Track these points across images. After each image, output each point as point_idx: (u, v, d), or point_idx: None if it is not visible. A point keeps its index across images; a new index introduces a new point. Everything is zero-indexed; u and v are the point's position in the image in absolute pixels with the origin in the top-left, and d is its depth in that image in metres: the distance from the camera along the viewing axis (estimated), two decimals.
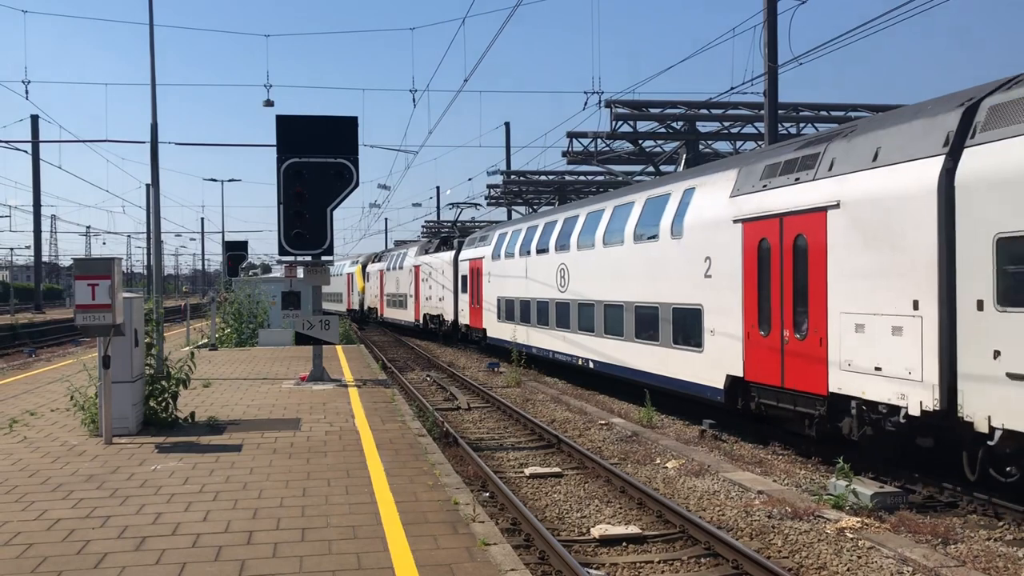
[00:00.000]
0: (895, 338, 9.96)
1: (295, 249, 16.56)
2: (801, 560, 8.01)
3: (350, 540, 6.65)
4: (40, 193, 57.80)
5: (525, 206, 42.21)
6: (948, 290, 9.29)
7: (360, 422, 12.14)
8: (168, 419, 11.91)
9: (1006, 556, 7.98)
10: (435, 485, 8.45)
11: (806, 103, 25.41)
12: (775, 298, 12.40)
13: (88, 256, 54.96)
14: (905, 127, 10.28)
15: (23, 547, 6.50)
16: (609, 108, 24.10)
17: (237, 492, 8.16)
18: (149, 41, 17.25)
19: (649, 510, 9.67)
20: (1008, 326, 8.47)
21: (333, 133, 16.44)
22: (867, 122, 11.58)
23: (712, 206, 14.32)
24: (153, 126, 17.23)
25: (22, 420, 12.38)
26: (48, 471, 9.10)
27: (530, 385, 21.32)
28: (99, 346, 10.74)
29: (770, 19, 18.46)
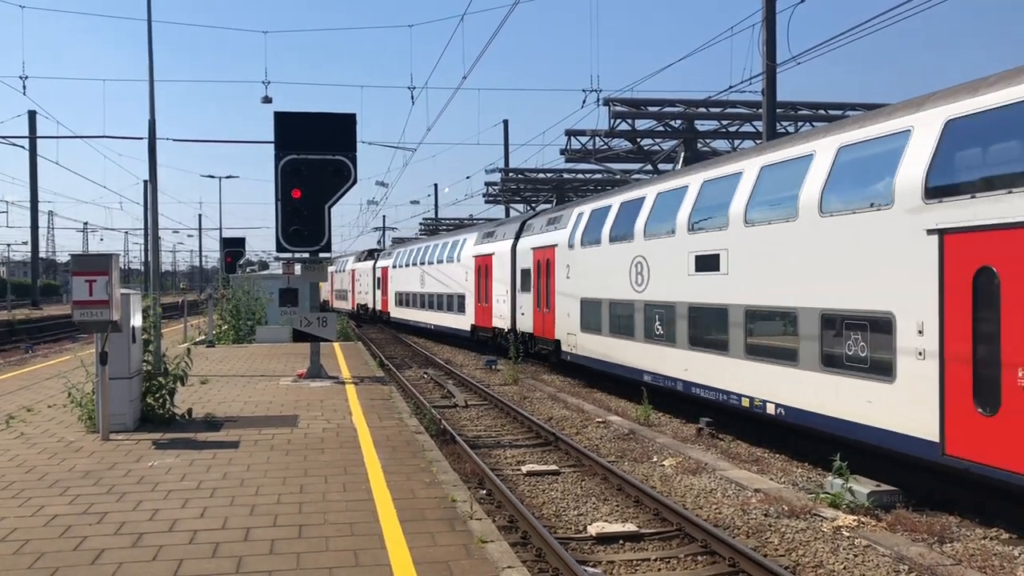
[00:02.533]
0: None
1: (293, 246, 16.55)
2: (798, 558, 8.03)
3: (347, 537, 6.66)
4: (37, 189, 57.79)
5: (523, 204, 42.23)
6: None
7: (357, 419, 12.14)
8: (165, 415, 11.90)
9: (1002, 555, 8.00)
10: (432, 482, 8.45)
11: (805, 102, 25.44)
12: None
13: (85, 252, 54.81)
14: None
15: (20, 543, 6.50)
16: (608, 106, 24.13)
17: (234, 489, 8.16)
18: (147, 37, 17.23)
19: (646, 508, 9.68)
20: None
21: (331, 130, 16.43)
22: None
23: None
24: (151, 122, 17.22)
25: (19, 416, 12.37)
26: (45, 467, 9.09)
27: (527, 383, 21.33)
28: (96, 342, 10.73)
29: (769, 18, 18.47)
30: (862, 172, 10.67)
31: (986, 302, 8.58)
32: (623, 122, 24.58)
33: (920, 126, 9.73)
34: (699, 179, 14.90)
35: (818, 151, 11.59)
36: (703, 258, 14.35)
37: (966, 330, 8.82)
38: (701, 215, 14.57)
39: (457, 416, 16.63)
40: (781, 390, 12.07)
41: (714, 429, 14.11)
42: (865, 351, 10.41)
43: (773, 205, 12.48)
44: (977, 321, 8.68)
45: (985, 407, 8.56)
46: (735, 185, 13.51)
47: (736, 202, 13.31)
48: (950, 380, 9.01)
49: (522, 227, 26.69)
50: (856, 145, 10.86)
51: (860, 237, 10.41)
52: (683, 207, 15.14)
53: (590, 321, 19.62)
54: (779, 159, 12.57)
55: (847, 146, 11.02)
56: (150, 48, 17.19)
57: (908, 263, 9.59)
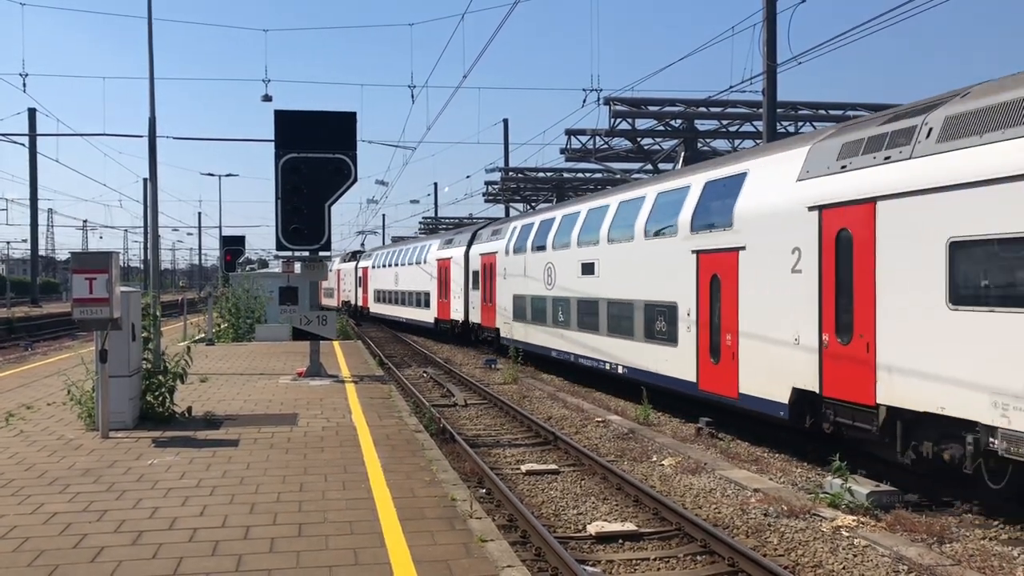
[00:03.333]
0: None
1: (293, 244, 16.55)
2: (797, 558, 8.03)
3: (347, 536, 6.66)
4: (37, 187, 57.76)
5: (523, 203, 42.22)
6: None
7: (357, 418, 12.15)
8: (165, 414, 11.90)
9: (1001, 555, 8.00)
10: (432, 481, 8.45)
11: (805, 102, 25.45)
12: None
13: (85, 250, 54.69)
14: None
15: (19, 541, 6.50)
16: (608, 105, 24.13)
17: (234, 487, 8.16)
18: (148, 35, 17.23)
19: (645, 507, 9.68)
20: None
21: (331, 129, 16.44)
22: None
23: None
24: (151, 120, 17.22)
25: (18, 414, 12.37)
26: (44, 465, 9.09)
27: (527, 382, 21.34)
28: (96, 340, 10.73)
29: (769, 18, 18.47)
30: (664, 212, 16.01)
31: (716, 296, 13.96)
32: (623, 122, 24.59)
33: (692, 185, 15.16)
34: (586, 207, 20.34)
35: (647, 195, 17.01)
36: (585, 265, 19.64)
37: (707, 313, 14.22)
38: (585, 234, 19.83)
39: (456, 415, 16.63)
40: (625, 356, 17.47)
41: (713, 429, 14.12)
42: (664, 327, 15.79)
43: (623, 230, 17.73)
44: (712, 307, 14.10)
45: (714, 358, 14.00)
46: (603, 214, 18.91)
47: (603, 226, 18.74)
48: (701, 343, 14.43)
49: (473, 236, 31.46)
50: (665, 193, 16.23)
51: (662, 253, 15.81)
52: (575, 227, 20.50)
53: (519, 313, 24.73)
54: (628, 198, 17.98)
55: (662, 192, 16.37)
56: (150, 46, 17.19)
57: (683, 271, 14.93)
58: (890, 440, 10.31)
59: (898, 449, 10.20)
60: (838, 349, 11.02)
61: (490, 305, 28.07)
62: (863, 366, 10.53)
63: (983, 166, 8.89)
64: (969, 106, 9.49)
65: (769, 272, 12.53)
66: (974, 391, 8.93)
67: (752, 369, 12.92)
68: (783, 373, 12.10)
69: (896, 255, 10.06)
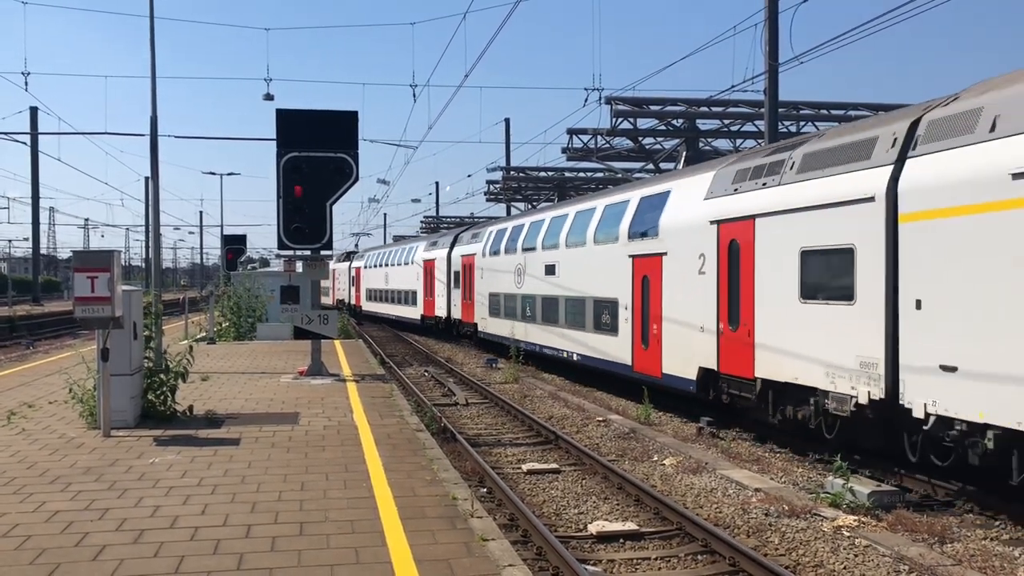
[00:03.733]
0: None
1: (294, 243, 16.53)
2: (798, 558, 8.03)
3: (348, 535, 6.66)
4: (39, 185, 57.82)
5: (524, 202, 42.22)
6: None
7: (358, 417, 12.15)
8: (166, 412, 11.91)
9: (1002, 555, 8.00)
10: (433, 480, 8.46)
11: (806, 101, 25.44)
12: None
13: (87, 249, 54.44)
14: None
15: (21, 539, 6.51)
16: (609, 105, 24.12)
17: (235, 486, 8.17)
18: (149, 34, 17.22)
19: (646, 507, 9.68)
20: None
21: (333, 128, 16.42)
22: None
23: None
24: (153, 119, 17.21)
25: (20, 412, 12.38)
26: (46, 463, 9.10)
27: (528, 381, 21.34)
28: (98, 339, 10.73)
29: (771, 18, 18.46)
30: (609, 222, 18.69)
31: (646, 293, 16.70)
32: (625, 121, 24.57)
33: (631, 200, 17.96)
34: (550, 215, 23.20)
35: (597, 207, 19.79)
36: (548, 266, 22.28)
37: (640, 307, 16.95)
38: (549, 239, 22.45)
39: (458, 414, 16.64)
40: (578, 346, 20.15)
41: (715, 428, 14.12)
42: (608, 320, 18.43)
43: (578, 236, 20.36)
44: (643, 302, 16.80)
45: (644, 344, 16.73)
46: (563, 222, 21.67)
47: (563, 233, 21.43)
48: (635, 332, 17.18)
49: (455, 239, 34.00)
50: (611, 205, 19.03)
51: (607, 257, 18.44)
52: (541, 233, 23.15)
53: (494, 309, 27.38)
54: (583, 208, 20.77)
55: (609, 205, 19.15)
56: (152, 44, 17.18)
57: (622, 272, 17.67)
58: (764, 406, 12.95)
59: (769, 412, 12.84)
60: (730, 335, 13.72)
61: (469, 302, 30.63)
62: (746, 348, 13.20)
63: (818, 194, 11.58)
64: (817, 146, 12.15)
65: (683, 273, 15.26)
66: (815, 365, 11.51)
67: (672, 352, 15.70)
68: (693, 355, 14.86)
69: (768, 260, 12.69)
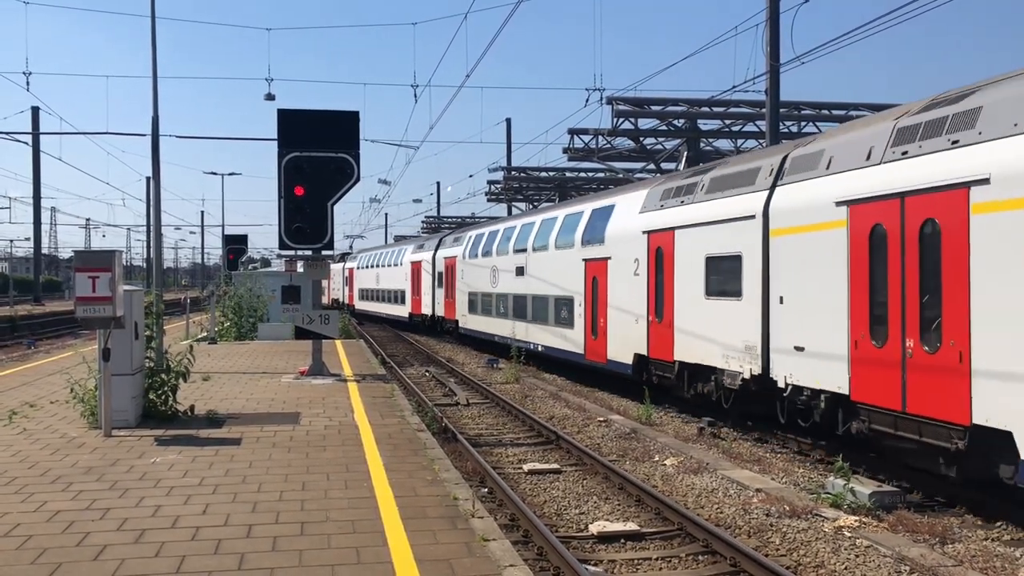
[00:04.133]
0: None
1: (295, 243, 16.53)
2: (799, 558, 8.03)
3: (349, 534, 6.66)
4: (40, 185, 57.87)
5: (526, 202, 42.22)
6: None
7: (359, 417, 12.15)
8: (168, 412, 11.91)
9: (1003, 556, 8.00)
10: (434, 480, 8.46)
11: (808, 101, 25.41)
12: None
13: (88, 248, 54.46)
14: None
15: (23, 539, 6.51)
16: (611, 105, 24.10)
17: (236, 485, 8.17)
18: (151, 33, 17.23)
19: (647, 507, 9.68)
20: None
21: (334, 128, 16.41)
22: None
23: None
24: (154, 119, 17.21)
25: (21, 412, 12.39)
26: (47, 463, 9.10)
27: (529, 381, 21.34)
28: (99, 338, 10.73)
29: (772, 18, 18.45)
30: (568, 230, 21.44)
31: (595, 292, 19.37)
32: (626, 121, 24.55)
33: (585, 211, 20.67)
34: (520, 223, 26.02)
35: (559, 216, 22.51)
36: (518, 268, 24.94)
37: (590, 303, 19.61)
38: (518, 244, 25.19)
39: (459, 414, 16.64)
40: (543, 338, 22.92)
41: (716, 429, 14.12)
42: (566, 315, 21.20)
43: (542, 241, 23.18)
44: (593, 299, 19.50)
45: (594, 335, 19.41)
46: (531, 229, 24.52)
47: (530, 238, 24.23)
48: (587, 325, 19.89)
49: (440, 242, 37.12)
50: (569, 215, 21.70)
51: (566, 260, 21.24)
52: (512, 238, 25.89)
53: (472, 306, 30.31)
54: (547, 217, 23.72)
55: (568, 215, 21.86)
56: (153, 44, 17.19)
57: (577, 273, 20.47)
58: (681, 384, 15.76)
59: (684, 389, 15.65)
60: (657, 326, 16.57)
61: (451, 300, 33.53)
62: (668, 336, 16.07)
63: (719, 211, 14.27)
64: (721, 172, 14.91)
65: (623, 275, 17.98)
66: (716, 348, 14.26)
67: (615, 342, 18.49)
68: (630, 343, 17.65)
69: (683, 264, 15.48)
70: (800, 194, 12.14)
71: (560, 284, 21.53)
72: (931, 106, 10.33)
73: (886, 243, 10.40)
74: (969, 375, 9.03)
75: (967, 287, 9.09)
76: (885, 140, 10.72)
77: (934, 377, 9.55)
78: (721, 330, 14.01)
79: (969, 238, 9.09)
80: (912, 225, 9.96)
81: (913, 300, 9.93)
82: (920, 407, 9.76)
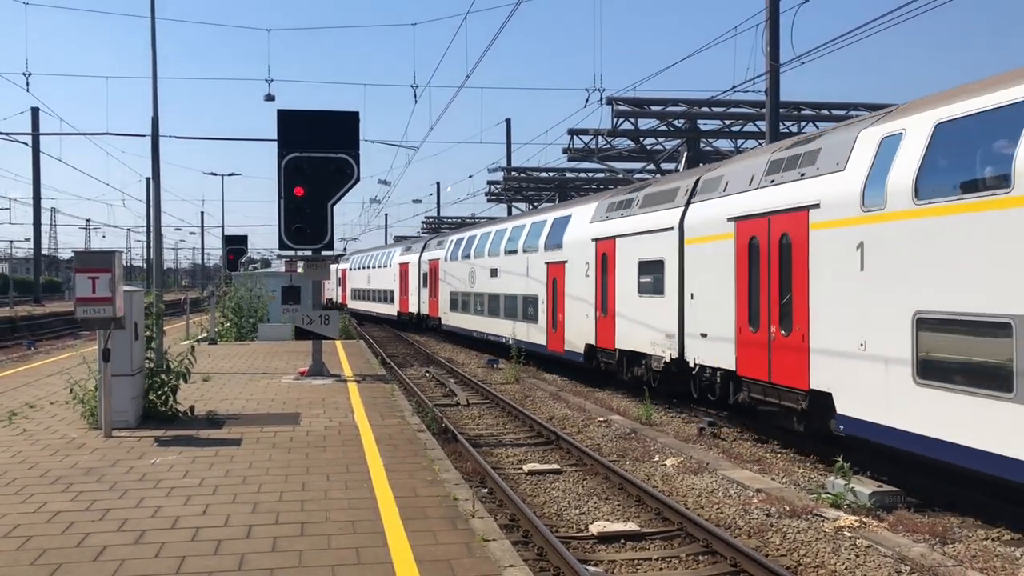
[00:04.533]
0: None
1: (295, 244, 16.53)
2: (799, 559, 8.03)
3: (349, 535, 6.66)
4: (40, 186, 57.87)
5: (525, 203, 42.22)
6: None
7: (359, 417, 12.15)
8: (168, 413, 11.91)
9: (1004, 556, 7.99)
10: (434, 481, 8.45)
11: (808, 102, 25.40)
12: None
13: (88, 249, 54.53)
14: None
15: (22, 539, 6.51)
16: (611, 105, 24.09)
17: (236, 486, 8.17)
18: (151, 34, 17.23)
19: (647, 507, 9.68)
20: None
21: (334, 128, 16.41)
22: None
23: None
24: (154, 120, 17.22)
25: (21, 412, 12.39)
26: (47, 464, 9.10)
27: (529, 382, 21.34)
28: (99, 339, 10.73)
29: (772, 18, 18.45)
30: (533, 236, 24.44)
31: (555, 291, 22.22)
32: (626, 121, 24.54)
33: (548, 220, 23.57)
34: (495, 229, 29.29)
35: (527, 224, 25.55)
36: (492, 270, 27.96)
37: (551, 301, 22.50)
38: (493, 248, 28.22)
39: (459, 414, 16.64)
40: (513, 332, 25.65)
41: (716, 429, 14.11)
42: (532, 311, 24.06)
43: (512, 246, 26.25)
44: (553, 298, 22.39)
45: (554, 329, 22.18)
46: (503, 234, 27.62)
47: (502, 243, 27.27)
48: (548, 320, 22.78)
49: (425, 245, 40.15)
50: (535, 223, 24.73)
51: (532, 263, 24.16)
52: (488, 243, 29.10)
53: (453, 305, 33.13)
54: (517, 224, 26.69)
55: (534, 223, 24.86)
56: (153, 45, 17.19)
57: (541, 275, 23.37)
58: (621, 368, 18.64)
59: (623, 373, 18.52)
60: (602, 320, 19.36)
61: (434, 299, 36.55)
62: (611, 329, 18.87)
63: (648, 223, 17.19)
64: (652, 190, 17.82)
65: (577, 276, 20.82)
66: (646, 337, 17.17)
67: (571, 334, 21.23)
68: (582, 335, 20.48)
69: (622, 268, 18.28)
70: (705, 211, 14.97)
71: (527, 284, 24.62)
72: (794, 144, 13.00)
73: (759, 252, 13.09)
74: (808, 352, 11.72)
75: (807, 285, 11.78)
76: (762, 169, 13.32)
77: (788, 354, 12.27)
78: (650, 323, 16.95)
79: (808, 249, 11.74)
80: (774, 238, 12.65)
81: (775, 295, 12.64)
82: (780, 378, 12.48)
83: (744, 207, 13.48)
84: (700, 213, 15.11)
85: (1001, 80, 8.95)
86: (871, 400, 10.27)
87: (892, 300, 9.92)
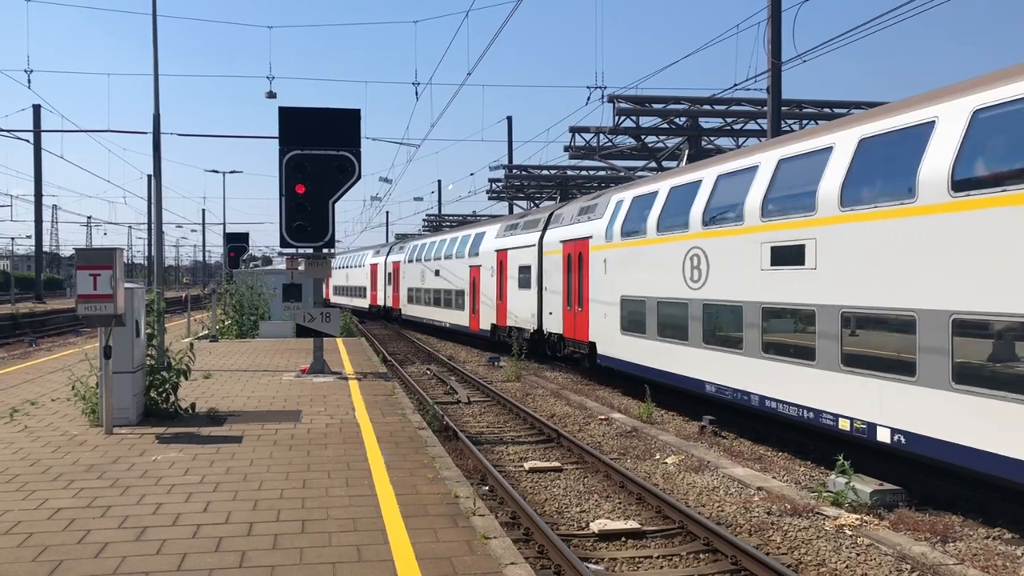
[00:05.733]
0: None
1: (297, 241, 16.52)
2: (800, 557, 8.03)
3: (350, 532, 6.66)
4: (41, 183, 57.79)
5: (527, 200, 42.20)
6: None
7: (360, 415, 12.16)
8: (169, 410, 11.91)
9: (1004, 554, 7.99)
10: (435, 478, 8.46)
11: (809, 100, 25.34)
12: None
13: (89, 246, 55.02)
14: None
15: (24, 536, 6.52)
16: (612, 103, 24.05)
17: (237, 483, 8.18)
18: (152, 31, 17.22)
19: (648, 505, 9.68)
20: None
21: (335, 125, 16.40)
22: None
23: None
24: (155, 117, 17.22)
25: (23, 409, 12.40)
26: (49, 460, 9.11)
27: (530, 379, 21.34)
28: (100, 336, 10.73)
29: (774, 16, 18.43)
30: (463, 245, 32.55)
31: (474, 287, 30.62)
32: (627, 119, 24.50)
33: (472, 234, 32.00)
34: (439, 238, 36.76)
35: (459, 237, 33.70)
36: (436, 271, 34.57)
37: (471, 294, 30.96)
38: (438, 253, 35.14)
39: (460, 412, 16.64)
40: (449, 318, 33.35)
41: (717, 427, 14.11)
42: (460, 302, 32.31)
43: (451, 251, 32.81)
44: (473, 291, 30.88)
45: (473, 314, 30.81)
46: (445, 243, 34.30)
47: (443, 249, 34.40)
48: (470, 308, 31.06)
49: (390, 249, 47.96)
50: (465, 235, 32.46)
51: (461, 266, 32.19)
52: (434, 249, 36.14)
53: (410, 298, 40.57)
54: (455, 236, 33.82)
55: (464, 235, 32.77)
56: (155, 42, 17.19)
57: (466, 275, 31.14)
58: (510, 339, 25.94)
59: (514, 343, 25.09)
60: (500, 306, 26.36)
61: (397, 294, 44.35)
62: (504, 311, 26.44)
63: (522, 241, 25.39)
64: (527, 219, 26.08)
65: (486, 276, 28.29)
66: (521, 316, 25.09)
67: (483, 317, 28.62)
68: (489, 317, 28.23)
69: (510, 271, 25.48)
70: (552, 235, 23.26)
71: (458, 282, 32.33)
72: (594, 197, 20.97)
73: (572, 261, 21.23)
74: (588, 319, 19.88)
75: (587, 283, 19.81)
76: (576, 211, 21.66)
77: (581, 321, 20.41)
78: (524, 307, 25.24)
79: (588, 262, 19.83)
80: (576, 254, 20.90)
81: (575, 287, 20.88)
82: (579, 335, 20.64)
83: (566, 235, 21.88)
84: (549, 236, 23.53)
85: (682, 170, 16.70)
86: (607, 343, 18.77)
87: (613, 290, 18.32)
